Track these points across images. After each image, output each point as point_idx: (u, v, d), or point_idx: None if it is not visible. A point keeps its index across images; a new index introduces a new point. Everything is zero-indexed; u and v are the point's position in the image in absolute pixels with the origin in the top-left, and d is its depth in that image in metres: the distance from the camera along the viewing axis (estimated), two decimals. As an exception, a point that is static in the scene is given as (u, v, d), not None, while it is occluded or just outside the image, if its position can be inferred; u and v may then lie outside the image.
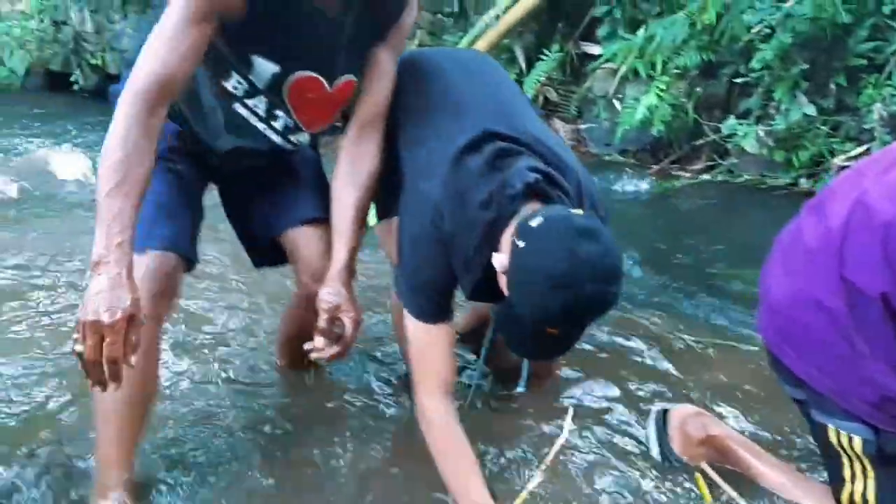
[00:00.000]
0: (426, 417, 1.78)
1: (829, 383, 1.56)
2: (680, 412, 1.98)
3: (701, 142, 4.60)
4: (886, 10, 3.80)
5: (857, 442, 1.56)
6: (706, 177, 4.52)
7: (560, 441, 1.94)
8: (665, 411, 1.99)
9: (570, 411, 2.05)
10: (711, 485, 1.82)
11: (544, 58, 5.25)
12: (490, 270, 1.64)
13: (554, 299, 1.46)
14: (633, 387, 2.26)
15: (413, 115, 1.88)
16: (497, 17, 5.24)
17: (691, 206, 4.26)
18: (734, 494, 1.78)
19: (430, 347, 1.78)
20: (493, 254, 1.61)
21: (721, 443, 1.90)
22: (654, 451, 1.94)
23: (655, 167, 4.73)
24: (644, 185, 4.59)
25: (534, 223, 1.52)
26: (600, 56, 5.00)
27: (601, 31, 5.01)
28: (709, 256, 3.58)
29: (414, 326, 1.78)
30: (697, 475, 1.84)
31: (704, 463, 1.88)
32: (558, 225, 1.50)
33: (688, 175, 4.59)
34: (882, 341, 1.46)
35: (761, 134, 4.13)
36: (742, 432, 1.99)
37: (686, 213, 4.22)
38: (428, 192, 1.71)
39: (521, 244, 1.51)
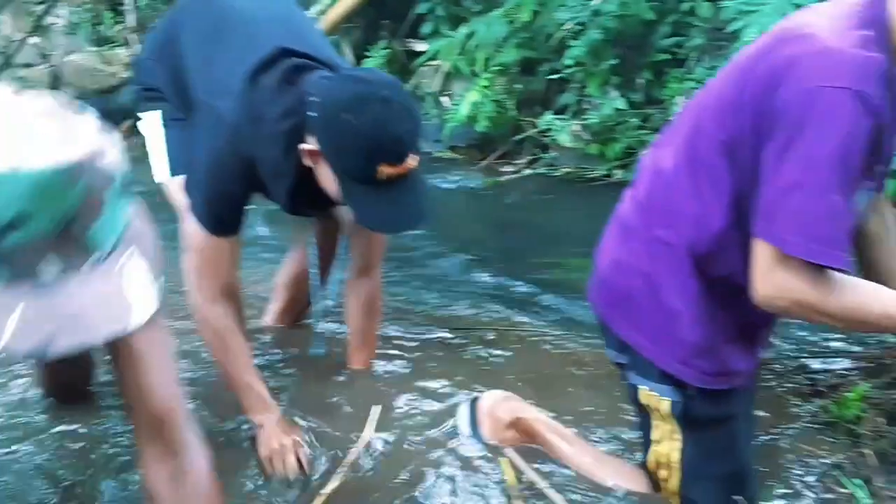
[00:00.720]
0: (209, 321, 1.92)
1: (648, 344, 1.63)
2: (489, 397, 2.01)
3: (523, 137, 4.70)
4: (685, 7, 4.04)
5: (666, 404, 1.63)
6: (529, 171, 4.63)
7: (362, 442, 1.91)
8: (476, 398, 2.01)
9: (375, 411, 2.01)
10: (517, 468, 1.84)
11: (372, 55, 5.23)
12: (302, 175, 1.73)
13: (362, 120, 1.57)
14: (447, 377, 2.25)
15: (202, 36, 1.92)
16: (321, 14, 5.16)
17: (516, 199, 4.36)
18: (535, 477, 1.80)
19: (217, 257, 1.89)
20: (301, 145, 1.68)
21: (529, 425, 1.94)
22: (465, 437, 1.95)
23: (483, 163, 4.80)
24: (472, 181, 4.66)
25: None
26: (425, 53, 5.03)
27: (425, 29, 5.05)
28: (531, 247, 3.67)
29: (201, 237, 1.86)
30: (503, 459, 1.85)
31: (511, 447, 1.90)
32: (342, 76, 1.71)
33: (512, 169, 4.70)
34: (689, 294, 1.54)
35: (577, 128, 4.28)
36: (555, 416, 2.04)
37: (511, 205, 4.31)
38: (223, 112, 1.76)
39: (315, 111, 1.63)
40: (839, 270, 1.34)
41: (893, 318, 1.36)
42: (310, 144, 1.66)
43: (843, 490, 1.85)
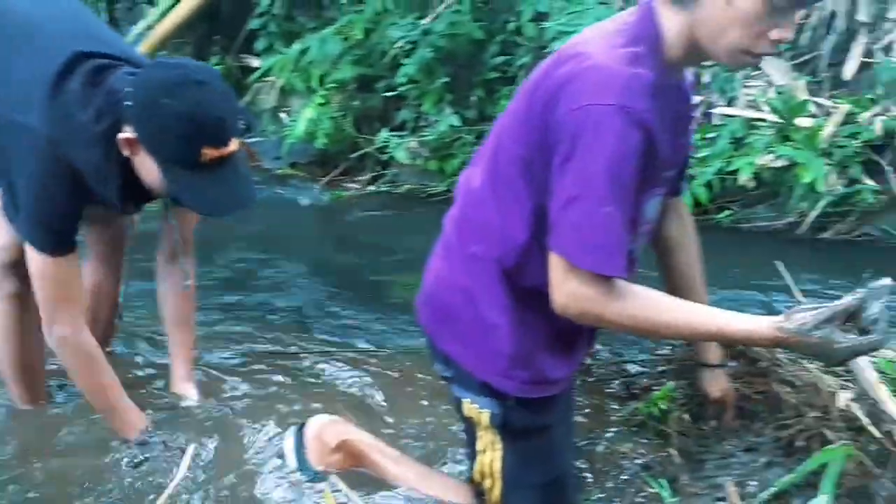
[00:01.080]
0: (78, 347, 1.92)
1: (469, 357, 1.68)
2: (316, 422, 2.01)
3: (363, 154, 4.71)
4: (512, 27, 4.19)
5: (486, 415, 1.69)
6: (372, 188, 4.65)
7: (175, 482, 1.86)
8: (302, 425, 2.00)
9: (190, 449, 1.96)
10: (341, 494, 1.84)
11: (205, 71, 5.07)
12: (127, 172, 1.73)
13: (181, 103, 1.59)
14: (273, 404, 2.22)
15: None
16: (149, 28, 4.98)
17: (357, 216, 4.37)
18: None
19: (66, 278, 1.86)
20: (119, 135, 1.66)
21: (355, 447, 1.96)
22: (292, 464, 1.93)
23: (324, 179, 4.77)
24: (313, 198, 4.62)
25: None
26: (259, 69, 4.95)
27: (259, 45, 4.97)
28: (368, 264, 3.68)
29: (44, 262, 1.82)
30: (326, 491, 1.85)
31: (335, 473, 1.90)
32: (155, 64, 1.77)
33: (355, 186, 4.70)
34: (504, 306, 1.60)
35: (414, 145, 4.34)
36: (385, 435, 2.05)
37: (351, 223, 4.32)
38: (33, 126, 1.70)
39: (130, 100, 1.63)
40: (618, 278, 1.44)
41: (675, 327, 1.47)
42: (127, 130, 1.66)
43: (652, 490, 1.97)
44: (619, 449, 2.12)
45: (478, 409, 1.70)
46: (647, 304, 1.45)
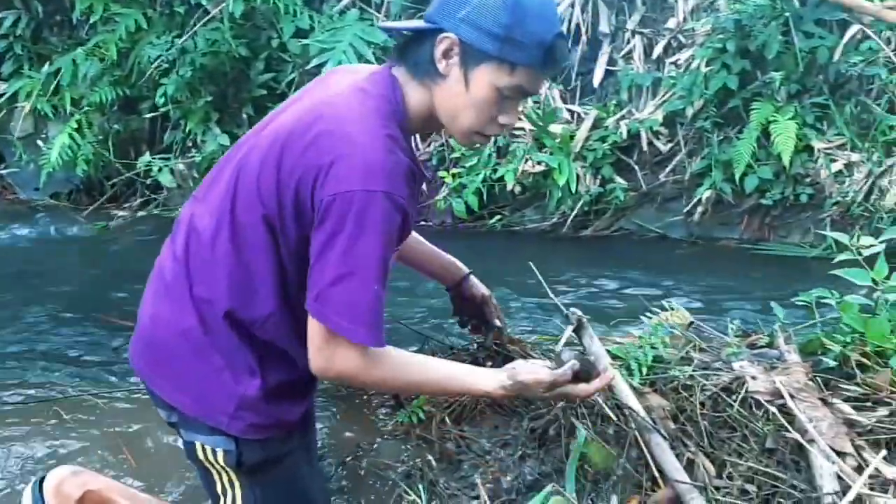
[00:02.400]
0: None
1: (194, 404, 1.59)
2: (55, 475, 1.83)
3: (131, 179, 4.47)
4: (276, 43, 4.13)
5: (221, 454, 1.60)
6: (143, 213, 4.42)
7: None
8: (41, 478, 1.83)
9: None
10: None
11: (-56, 98, 4.61)
12: None
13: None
14: (11, 457, 2.03)
15: None
16: None
17: (125, 244, 4.13)
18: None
19: None
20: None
21: (100, 496, 1.81)
22: None
23: (90, 208, 4.47)
24: (76, 229, 4.31)
25: None
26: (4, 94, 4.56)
27: (5, 68, 4.58)
28: (130, 296, 3.48)
29: None
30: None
31: None
32: None
33: (124, 213, 4.44)
34: (231, 349, 1.54)
35: (182, 167, 4.18)
36: (138, 480, 1.94)
37: (118, 252, 4.07)
38: None
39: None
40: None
41: (427, 388, 1.68)
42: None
43: (411, 497, 1.98)
44: (383, 460, 2.12)
45: (211, 450, 1.62)
46: (400, 368, 1.57)
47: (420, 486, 1.98)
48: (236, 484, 1.65)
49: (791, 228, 4.06)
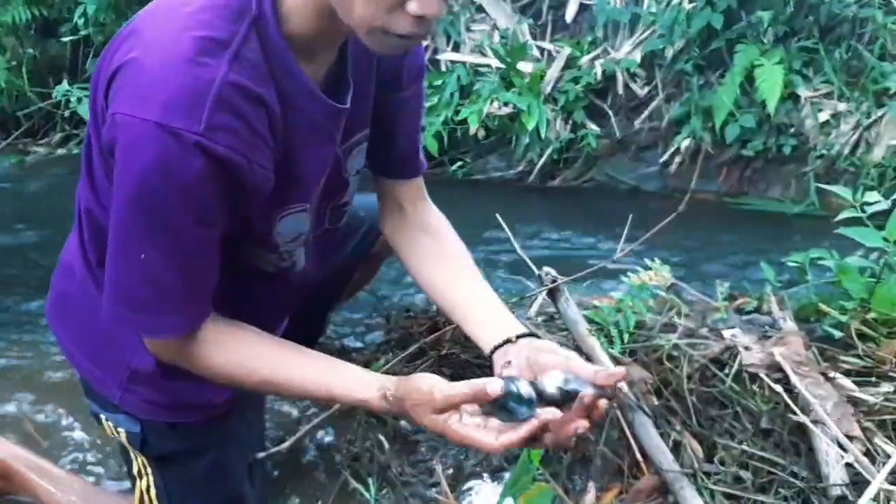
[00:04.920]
0: None
1: (86, 363, 1.33)
2: None
3: (42, 111, 4.03)
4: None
5: (124, 435, 1.34)
6: (62, 151, 3.99)
7: None
8: None
9: None
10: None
11: None
12: None
13: None
14: None
15: None
16: None
17: (42, 185, 3.72)
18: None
19: None
20: None
21: (6, 467, 1.62)
22: None
23: (3, 143, 4.03)
24: (-12, 165, 3.89)
25: None
26: None
27: None
28: (58, 243, 3.10)
29: None
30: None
31: None
32: None
33: (42, 150, 4.01)
34: None
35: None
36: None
37: (34, 194, 3.66)
38: None
39: None
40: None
41: (282, 386, 1.18)
42: None
43: (356, 485, 1.72)
44: (328, 440, 1.85)
45: (113, 427, 1.36)
46: (241, 359, 1.17)
47: (369, 473, 1.70)
48: (148, 469, 1.39)
49: (772, 182, 3.83)
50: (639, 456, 1.72)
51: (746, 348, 1.91)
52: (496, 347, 1.24)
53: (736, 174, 3.84)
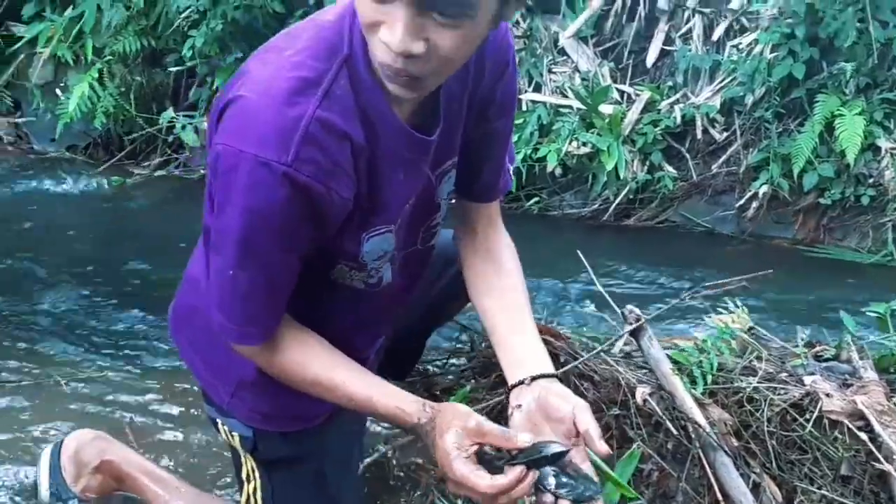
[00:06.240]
0: None
1: (205, 371, 1.44)
2: (74, 439, 1.73)
3: (151, 135, 4.26)
4: (312, 1, 3.91)
5: (237, 439, 1.44)
6: (162, 172, 4.21)
7: None
8: (60, 442, 1.73)
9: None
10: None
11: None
12: None
13: None
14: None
15: None
16: None
17: (142, 204, 3.94)
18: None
19: None
20: None
21: (118, 468, 1.70)
22: (44, 492, 1.68)
23: (107, 164, 4.27)
24: (93, 185, 4.12)
25: None
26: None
27: (26, 11, 4.36)
28: (155, 262, 3.29)
29: None
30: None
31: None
32: None
33: (142, 171, 4.24)
34: None
35: (206, 126, 3.96)
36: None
37: (134, 212, 3.88)
38: None
39: None
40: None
41: (333, 394, 1.26)
42: None
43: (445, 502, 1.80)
44: (417, 461, 1.93)
45: (229, 431, 1.46)
46: (301, 365, 1.27)
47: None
48: (256, 473, 1.49)
49: (848, 231, 3.81)
50: (719, 495, 1.76)
51: (827, 395, 1.93)
52: (512, 387, 1.30)
53: (812, 222, 3.84)
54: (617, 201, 3.80)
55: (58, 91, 4.42)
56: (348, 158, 1.14)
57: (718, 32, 3.93)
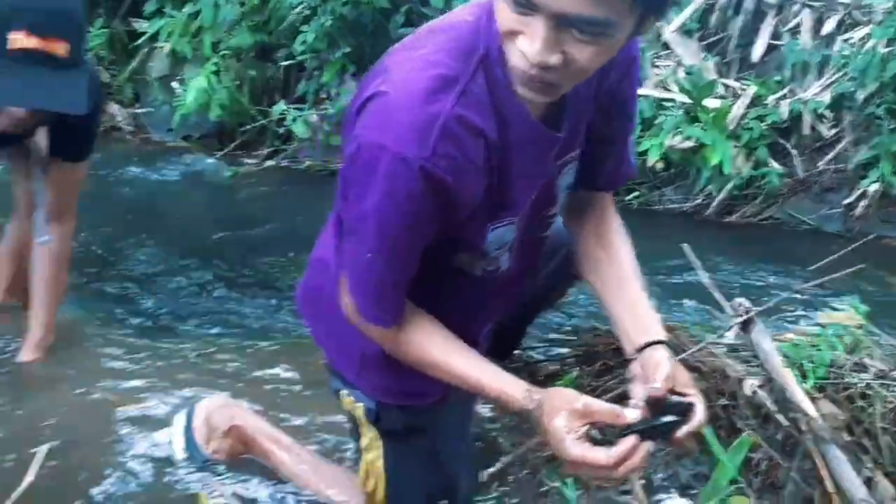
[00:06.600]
0: None
1: (331, 346, 1.53)
2: (207, 404, 1.88)
3: (262, 127, 4.44)
4: (418, -3, 4.02)
5: (361, 409, 1.52)
6: (271, 162, 4.39)
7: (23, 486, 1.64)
8: (194, 406, 1.88)
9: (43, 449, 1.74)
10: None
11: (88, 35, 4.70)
12: None
13: None
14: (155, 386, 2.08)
15: None
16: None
17: (253, 193, 4.11)
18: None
19: None
20: None
21: (245, 434, 1.83)
22: (179, 451, 1.83)
23: (220, 153, 4.48)
24: (207, 173, 4.33)
25: None
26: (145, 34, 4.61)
27: (148, 7, 4.61)
28: (266, 246, 3.45)
29: None
30: (202, 494, 1.67)
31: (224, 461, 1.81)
32: None
33: (253, 161, 4.42)
34: None
35: (314, 118, 4.11)
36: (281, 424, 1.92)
37: (247, 200, 4.06)
38: None
39: None
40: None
41: (448, 373, 1.33)
42: None
43: (553, 484, 1.85)
44: (523, 441, 1.99)
45: (353, 402, 1.54)
46: (423, 346, 1.34)
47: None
48: (378, 442, 1.56)
49: (961, 231, 3.67)
50: (830, 487, 1.76)
51: (943, 394, 1.90)
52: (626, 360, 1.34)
53: (923, 221, 3.71)
54: (720, 196, 3.75)
55: (174, 84, 4.66)
56: (482, 154, 1.20)
57: (829, 26, 3.83)
